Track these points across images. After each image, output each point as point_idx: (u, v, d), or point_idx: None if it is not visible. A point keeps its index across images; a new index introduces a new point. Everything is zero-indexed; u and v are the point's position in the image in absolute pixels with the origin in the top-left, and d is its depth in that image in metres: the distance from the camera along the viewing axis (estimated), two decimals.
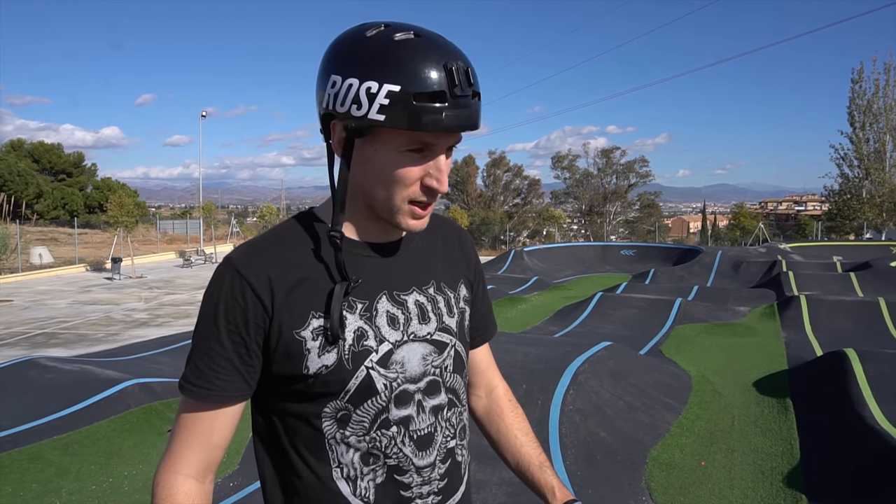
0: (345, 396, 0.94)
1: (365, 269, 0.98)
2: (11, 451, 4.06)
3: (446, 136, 0.90)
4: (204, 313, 0.95)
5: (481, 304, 1.20)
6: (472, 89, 0.88)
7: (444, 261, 1.09)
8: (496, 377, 1.26)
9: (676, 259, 19.00)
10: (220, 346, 0.93)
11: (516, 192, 46.00)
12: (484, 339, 1.22)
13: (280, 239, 0.99)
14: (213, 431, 0.95)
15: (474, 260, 1.18)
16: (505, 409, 1.22)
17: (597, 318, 9.18)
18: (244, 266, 0.93)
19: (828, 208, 36.39)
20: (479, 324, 1.19)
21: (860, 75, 31.82)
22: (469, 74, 0.88)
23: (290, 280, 0.94)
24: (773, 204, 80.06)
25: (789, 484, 3.80)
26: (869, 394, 4.62)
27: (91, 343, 9.52)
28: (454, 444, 1.03)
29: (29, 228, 28.28)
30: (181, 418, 0.97)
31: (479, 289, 1.19)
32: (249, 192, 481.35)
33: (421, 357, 0.99)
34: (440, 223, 1.15)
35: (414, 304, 1.01)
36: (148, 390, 5.15)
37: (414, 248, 1.06)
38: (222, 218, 41.87)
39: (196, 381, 0.94)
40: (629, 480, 3.88)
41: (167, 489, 0.93)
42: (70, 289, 16.91)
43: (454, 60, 0.87)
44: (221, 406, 0.95)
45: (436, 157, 0.91)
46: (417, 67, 0.85)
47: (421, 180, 0.92)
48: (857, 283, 11.95)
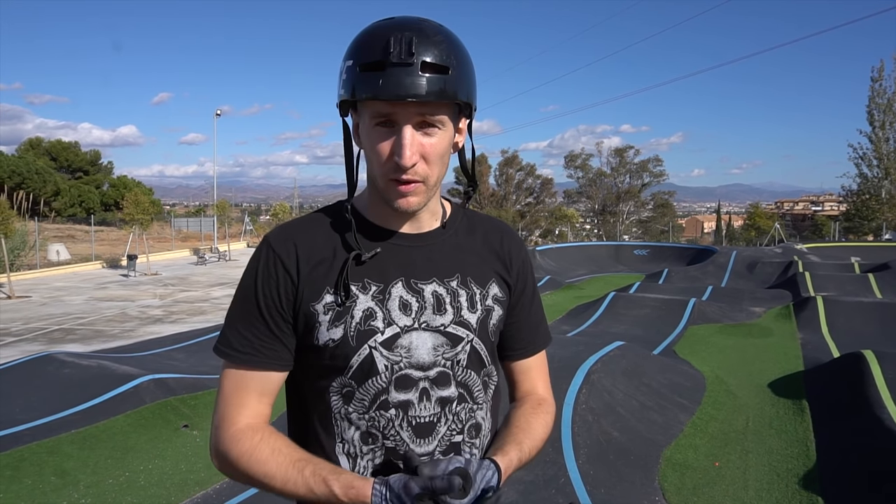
0: (348, 372, 0.99)
1: (386, 253, 1.02)
2: (31, 445, 4.13)
3: (404, 106, 0.91)
4: (244, 286, 1.02)
5: (528, 312, 1.15)
6: (416, 59, 0.89)
7: (476, 256, 1.10)
8: (542, 388, 1.19)
9: (690, 259, 18.85)
10: (260, 316, 0.99)
11: (529, 191, 45.84)
12: (529, 349, 1.16)
13: (312, 222, 1.06)
14: (264, 393, 1.01)
15: (518, 263, 1.14)
16: (524, 403, 1.15)
17: (610, 317, 9.14)
18: (277, 243, 1.01)
19: (846, 208, 35.90)
20: (523, 334, 1.15)
21: (880, 73, 31.36)
22: (411, 44, 0.89)
23: (316, 258, 1.00)
24: (790, 204, 79.12)
25: (805, 486, 3.76)
26: (888, 396, 4.56)
27: (107, 339, 9.63)
28: (460, 440, 1.03)
29: (47, 226, 28.65)
30: (227, 384, 1.00)
31: (525, 296, 1.15)
32: (263, 191, 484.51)
33: (431, 347, 1.01)
34: (485, 224, 1.15)
35: (431, 294, 1.03)
36: (163, 386, 5.20)
37: (446, 242, 1.08)
38: (236, 216, 42.19)
39: (242, 349, 0.99)
40: (642, 480, 3.86)
41: (244, 442, 0.96)
42: (86, 285, 17.12)
43: (400, 32, 0.90)
44: (267, 370, 1.00)
45: (401, 130, 0.93)
46: (365, 41, 0.92)
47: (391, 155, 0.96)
48: (875, 285, 11.77)
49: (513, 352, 1.15)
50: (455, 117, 0.99)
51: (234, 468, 0.96)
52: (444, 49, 0.92)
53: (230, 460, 0.96)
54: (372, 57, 0.90)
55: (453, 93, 0.93)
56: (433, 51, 0.91)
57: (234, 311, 1.02)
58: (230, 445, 0.96)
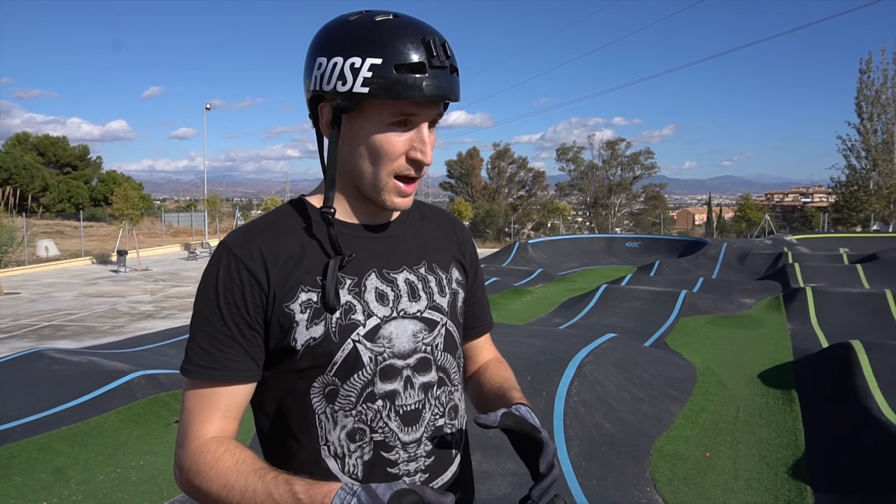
0: (331, 370, 0.96)
1: (355, 246, 1.01)
2: (21, 442, 4.10)
3: (428, 108, 0.95)
4: (204, 296, 0.97)
5: (480, 295, 1.23)
6: (450, 62, 0.94)
7: (436, 243, 1.13)
8: (491, 356, 1.28)
9: (681, 251, 18.94)
10: (223, 326, 0.95)
11: (521, 184, 45.88)
12: (483, 329, 1.25)
13: (273, 221, 1.03)
14: (230, 408, 0.97)
15: (469, 248, 1.21)
16: (489, 365, 1.23)
17: (602, 310, 9.17)
18: (238, 248, 0.97)
19: (834, 200, 36.13)
20: (478, 313, 1.22)
21: (868, 65, 31.49)
22: (446, 48, 0.93)
23: (283, 257, 0.97)
24: (780, 196, 79.55)
25: (794, 475, 3.80)
26: (875, 385, 4.61)
27: (97, 335, 9.57)
28: (443, 423, 1.05)
29: (35, 221, 28.39)
30: (190, 401, 0.97)
31: (477, 278, 1.22)
32: (254, 185, 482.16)
33: (411, 334, 1.01)
34: (435, 212, 1.19)
35: (404, 282, 1.03)
36: (154, 382, 5.18)
37: (406, 230, 1.09)
38: (227, 211, 41.95)
39: (202, 363, 0.95)
40: (633, 471, 3.89)
41: (207, 454, 0.91)
42: (76, 281, 17.00)
43: (431, 35, 0.93)
44: (231, 384, 0.97)
45: (419, 129, 0.96)
46: (397, 42, 0.91)
47: (406, 154, 0.96)
48: (863, 275, 11.87)
49: (472, 330, 1.21)
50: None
51: (194, 481, 0.91)
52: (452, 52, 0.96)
53: (191, 473, 0.91)
54: (411, 58, 0.91)
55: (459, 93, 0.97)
56: (453, 55, 0.95)
57: (195, 325, 0.98)
58: (193, 458, 0.92)
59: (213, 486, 0.89)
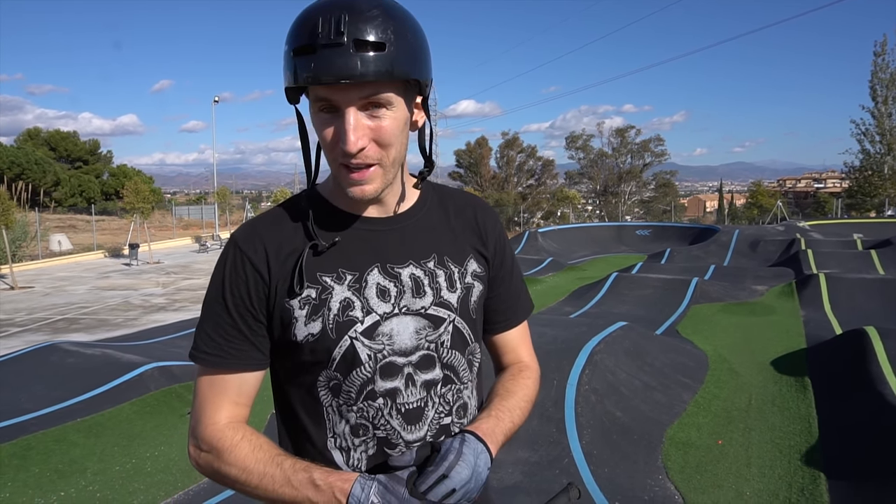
0: (332, 365, 0.97)
1: (358, 241, 1.00)
2: (37, 434, 4.16)
3: (337, 91, 0.86)
4: (213, 288, 0.99)
5: (508, 284, 1.14)
6: (346, 37, 0.83)
7: (451, 233, 1.08)
8: (526, 356, 1.18)
9: (693, 238, 18.81)
10: (229, 317, 0.97)
11: (530, 173, 45.64)
12: (511, 321, 1.16)
13: (279, 215, 1.03)
14: (240, 394, 0.99)
15: (494, 235, 1.13)
16: (509, 371, 1.15)
17: (612, 298, 9.14)
18: (244, 242, 0.98)
19: (848, 185, 35.69)
20: (502, 307, 1.14)
21: (883, 48, 30.97)
22: (340, 23, 0.83)
23: (286, 251, 0.98)
24: (792, 182, 78.66)
25: (808, 462, 3.77)
26: (889, 372, 4.56)
27: (111, 328, 9.67)
28: (449, 422, 1.02)
29: (48, 216, 28.67)
30: (202, 387, 0.99)
31: (504, 268, 1.13)
32: (264, 177, 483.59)
33: (413, 331, 0.99)
34: (456, 197, 1.13)
35: (409, 277, 1.00)
36: (167, 373, 5.23)
37: (417, 223, 1.05)
38: (237, 203, 42.14)
39: (208, 349, 0.98)
40: (645, 459, 3.88)
41: (225, 439, 0.94)
42: (89, 275, 17.16)
43: (329, 12, 0.84)
44: (238, 372, 0.98)
45: (344, 114, 0.88)
46: (294, 26, 0.88)
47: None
48: (878, 261, 11.74)
49: (496, 325, 1.15)
50: (407, 95, 0.92)
51: (214, 464, 0.95)
52: (380, 24, 0.85)
53: (211, 457, 0.95)
54: (302, 41, 0.85)
55: (393, 70, 0.86)
56: (366, 27, 0.84)
57: (203, 314, 1.00)
58: (211, 442, 0.95)
59: (232, 469, 0.92)
